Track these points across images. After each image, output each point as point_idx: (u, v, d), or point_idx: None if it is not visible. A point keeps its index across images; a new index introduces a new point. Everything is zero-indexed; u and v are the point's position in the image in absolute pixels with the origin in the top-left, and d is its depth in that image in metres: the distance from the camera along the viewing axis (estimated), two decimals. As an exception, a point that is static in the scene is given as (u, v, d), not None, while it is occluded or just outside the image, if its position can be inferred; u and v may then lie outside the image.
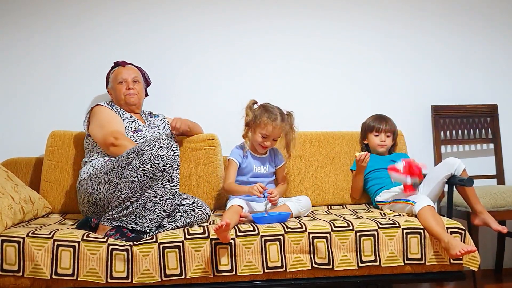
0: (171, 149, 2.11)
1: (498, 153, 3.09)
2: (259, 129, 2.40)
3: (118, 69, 2.62)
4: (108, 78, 2.66)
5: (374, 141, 2.74)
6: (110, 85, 2.62)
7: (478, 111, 3.12)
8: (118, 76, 2.58)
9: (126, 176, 2.10)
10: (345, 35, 3.08)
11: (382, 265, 2.14)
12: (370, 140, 2.76)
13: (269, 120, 2.37)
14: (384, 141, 2.73)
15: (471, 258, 2.17)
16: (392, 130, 2.76)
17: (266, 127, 2.37)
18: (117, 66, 2.64)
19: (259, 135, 2.41)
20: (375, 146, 2.74)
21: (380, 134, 2.73)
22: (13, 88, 2.87)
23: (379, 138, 2.73)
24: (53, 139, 2.64)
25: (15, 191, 2.26)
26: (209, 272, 2.05)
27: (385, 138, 2.73)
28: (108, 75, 2.65)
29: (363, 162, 2.56)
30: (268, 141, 2.40)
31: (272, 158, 2.53)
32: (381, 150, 2.74)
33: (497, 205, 2.64)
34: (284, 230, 2.11)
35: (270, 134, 2.39)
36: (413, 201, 2.31)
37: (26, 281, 2.01)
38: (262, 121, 2.37)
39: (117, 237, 2.07)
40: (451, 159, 2.49)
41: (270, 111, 2.39)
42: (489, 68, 3.19)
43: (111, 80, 2.61)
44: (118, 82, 2.57)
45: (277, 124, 2.37)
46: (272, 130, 2.38)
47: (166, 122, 2.70)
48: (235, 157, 2.45)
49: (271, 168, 2.51)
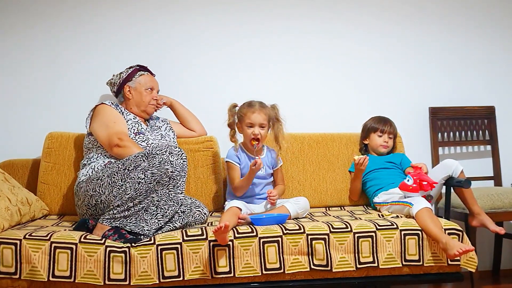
0: (181, 157, 2.13)
1: (495, 155, 3.10)
2: (244, 123, 2.43)
3: (149, 76, 2.61)
4: (130, 76, 2.57)
5: (377, 141, 2.75)
6: (135, 85, 2.56)
7: (475, 113, 3.13)
8: (149, 83, 2.58)
9: (133, 177, 2.10)
10: (344, 37, 3.09)
11: (380, 267, 2.14)
12: (372, 140, 2.77)
13: (248, 108, 2.42)
14: (387, 142, 2.75)
15: (468, 260, 2.18)
16: (394, 132, 2.79)
17: (247, 116, 2.41)
18: (143, 70, 2.61)
19: (246, 128, 2.43)
20: (377, 146, 2.75)
21: (384, 135, 2.75)
22: (10, 90, 2.85)
23: (383, 139, 2.74)
24: (50, 141, 2.63)
25: (12, 193, 2.25)
26: (207, 274, 2.04)
27: (388, 140, 2.75)
28: (132, 74, 2.58)
29: (362, 166, 2.57)
30: (255, 128, 2.41)
31: (269, 159, 2.53)
32: (383, 150, 2.75)
33: (494, 207, 2.65)
34: (282, 231, 2.11)
35: (254, 120, 2.41)
36: (410, 203, 2.32)
37: (23, 283, 2.00)
38: (243, 113, 2.43)
39: (115, 238, 2.06)
40: (449, 160, 2.50)
41: (248, 103, 2.45)
42: (487, 70, 3.20)
43: (139, 81, 2.56)
44: (148, 88, 2.56)
45: (256, 109, 2.42)
46: (254, 116, 2.40)
47: (167, 122, 2.71)
48: (233, 159, 2.46)
49: (268, 169, 2.51)
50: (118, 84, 2.58)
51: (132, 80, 2.57)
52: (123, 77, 2.57)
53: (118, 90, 2.59)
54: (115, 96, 2.65)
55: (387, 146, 2.75)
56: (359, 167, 2.58)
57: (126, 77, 2.57)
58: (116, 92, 2.61)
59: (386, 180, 2.61)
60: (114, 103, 2.53)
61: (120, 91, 2.59)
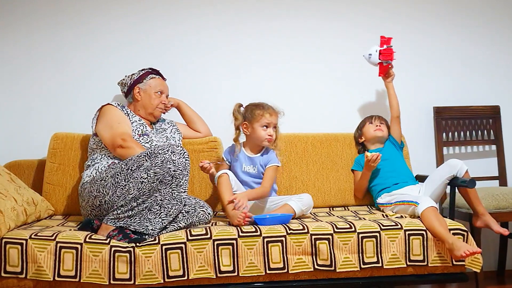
0: (183, 156, 2.14)
1: (500, 155, 3.09)
2: (258, 124, 2.46)
3: (160, 80, 2.63)
4: (141, 78, 2.58)
5: (370, 129, 2.77)
6: (145, 87, 2.57)
7: (480, 113, 3.12)
8: (159, 87, 2.59)
9: (136, 177, 2.11)
10: (348, 36, 3.09)
11: (384, 267, 2.14)
12: (366, 132, 2.78)
13: (263, 110, 2.47)
14: (379, 126, 2.76)
15: (473, 260, 2.17)
16: (384, 119, 2.82)
17: (265, 116, 2.46)
18: (155, 73, 2.62)
19: (260, 129, 2.46)
20: (373, 133, 2.76)
21: (374, 121, 2.79)
22: (15, 90, 2.88)
23: (374, 124, 2.78)
24: (55, 142, 2.64)
25: (18, 193, 2.27)
26: (212, 273, 2.05)
27: (379, 124, 2.77)
28: (143, 76, 2.59)
29: (374, 163, 2.56)
30: (270, 128, 2.47)
31: (262, 160, 2.51)
32: (380, 134, 2.75)
33: (499, 207, 2.64)
34: (286, 231, 2.11)
35: (270, 121, 2.46)
36: (416, 202, 2.31)
37: (29, 283, 2.01)
38: (257, 114, 2.47)
39: (120, 238, 2.07)
40: (453, 160, 2.49)
41: (258, 105, 2.50)
42: (492, 69, 3.19)
43: (149, 84, 2.57)
44: (157, 91, 2.58)
45: (272, 110, 2.48)
46: (270, 116, 2.46)
47: (173, 124, 2.72)
48: (225, 155, 2.57)
49: (260, 168, 2.51)
50: (129, 85, 2.60)
51: (143, 82, 2.58)
52: (134, 78, 2.59)
53: (128, 90, 2.61)
54: (124, 96, 2.66)
55: (382, 129, 2.76)
56: (371, 164, 2.57)
57: (137, 79, 2.59)
58: (126, 93, 2.63)
59: (390, 179, 2.61)
60: (120, 105, 2.54)
61: (130, 92, 2.60)
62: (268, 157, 2.50)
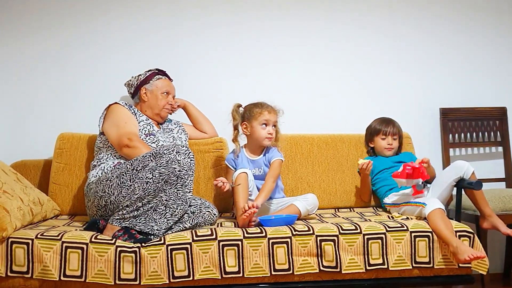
0: (188, 156, 2.14)
1: (507, 156, 3.07)
2: (257, 122, 2.45)
3: (167, 80, 2.63)
4: (148, 79, 2.59)
5: (381, 145, 2.73)
6: (152, 88, 2.57)
7: (486, 114, 3.10)
8: (165, 87, 2.59)
9: (141, 177, 2.12)
10: (353, 38, 3.08)
11: (390, 269, 2.13)
12: (376, 143, 2.76)
13: (261, 108, 2.46)
14: (391, 144, 2.72)
15: (479, 262, 2.16)
16: (398, 133, 2.75)
17: (263, 114, 2.44)
18: (161, 74, 2.63)
19: (259, 128, 2.45)
20: (382, 150, 2.73)
21: (387, 137, 2.73)
22: (22, 91, 2.89)
23: (386, 141, 2.72)
24: (62, 142, 2.65)
25: (24, 193, 2.28)
26: (217, 274, 2.05)
27: (392, 141, 2.73)
28: (150, 77, 2.59)
29: (366, 170, 2.56)
30: (269, 126, 2.45)
31: (266, 158, 2.51)
32: (388, 153, 2.73)
33: (506, 209, 2.62)
34: (291, 232, 2.11)
35: (269, 118, 2.44)
36: (423, 203, 2.30)
37: (35, 282, 2.02)
38: (255, 113, 2.45)
39: (125, 238, 2.08)
40: (460, 162, 2.48)
41: (257, 103, 2.48)
42: (498, 70, 3.17)
43: (156, 85, 2.58)
44: (164, 92, 2.58)
45: (271, 108, 2.46)
46: (269, 114, 2.45)
47: (180, 125, 2.73)
48: (229, 162, 2.52)
49: (266, 168, 2.50)
50: (136, 85, 2.60)
51: (150, 83, 2.59)
52: (141, 79, 2.60)
53: (135, 91, 2.61)
54: (131, 97, 2.67)
55: (392, 148, 2.73)
56: (363, 172, 2.58)
57: (144, 79, 2.59)
58: (133, 94, 2.64)
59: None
60: (128, 104, 2.55)
61: (137, 92, 2.61)
62: (271, 153, 2.50)
